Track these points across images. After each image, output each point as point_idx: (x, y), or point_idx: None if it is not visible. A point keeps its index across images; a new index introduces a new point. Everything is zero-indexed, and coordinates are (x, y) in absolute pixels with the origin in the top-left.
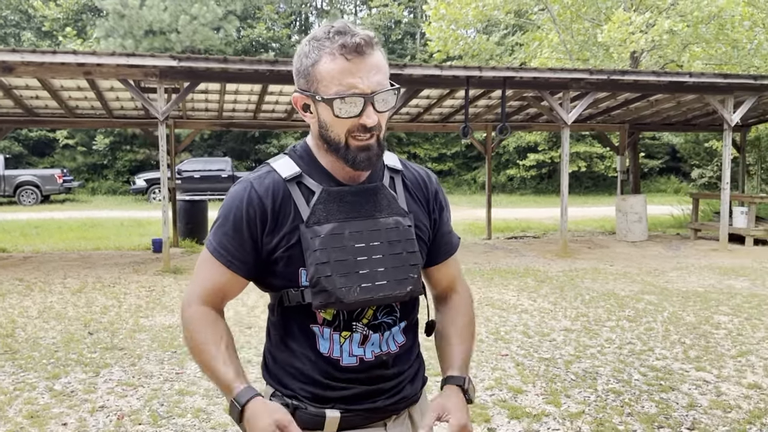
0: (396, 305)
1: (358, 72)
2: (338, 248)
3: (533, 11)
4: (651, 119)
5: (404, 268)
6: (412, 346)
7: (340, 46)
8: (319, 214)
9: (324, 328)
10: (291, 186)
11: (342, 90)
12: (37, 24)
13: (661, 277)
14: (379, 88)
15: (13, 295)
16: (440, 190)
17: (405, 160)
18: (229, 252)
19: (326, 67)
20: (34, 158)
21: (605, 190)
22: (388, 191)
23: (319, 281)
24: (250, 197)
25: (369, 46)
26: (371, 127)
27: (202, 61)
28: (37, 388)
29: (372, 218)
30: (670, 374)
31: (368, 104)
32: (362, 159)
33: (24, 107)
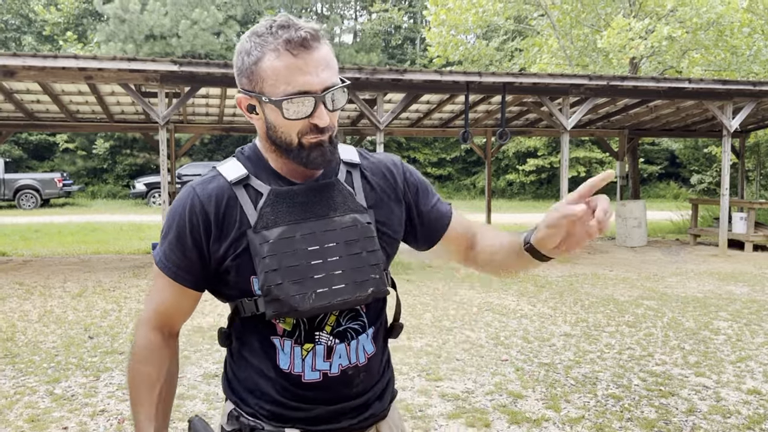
0: (361, 309)
1: (306, 68)
2: (289, 253)
3: (533, 17)
4: (650, 125)
5: (364, 269)
6: (382, 357)
7: (284, 41)
8: (267, 218)
9: (285, 340)
10: (237, 189)
11: (290, 90)
12: (38, 28)
13: (660, 283)
14: (329, 84)
15: (13, 299)
16: (409, 171)
17: (365, 151)
18: (174, 263)
19: (271, 64)
20: (34, 162)
21: None
22: (344, 187)
23: (271, 290)
24: (192, 204)
25: (315, 39)
26: (323, 127)
27: (203, 65)
28: (38, 392)
29: (326, 218)
30: (669, 379)
31: (319, 104)
32: (316, 157)
33: (25, 111)
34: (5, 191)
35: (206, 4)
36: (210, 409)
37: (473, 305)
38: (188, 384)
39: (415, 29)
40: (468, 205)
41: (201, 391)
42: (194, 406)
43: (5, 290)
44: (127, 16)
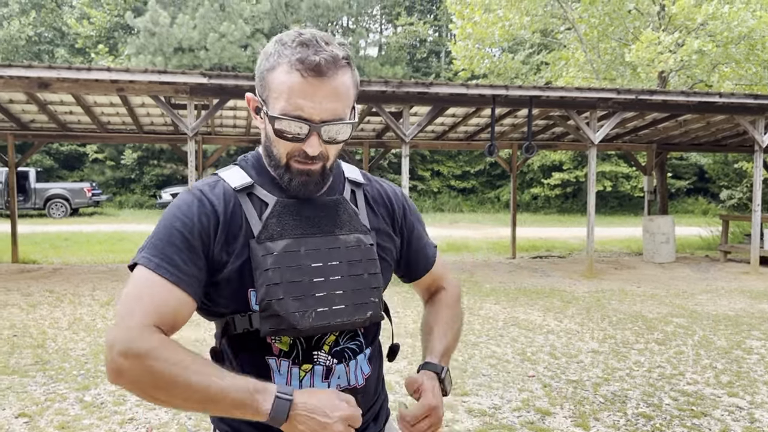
0: (360, 329)
1: (311, 95)
2: (293, 268)
3: (559, 30)
4: (679, 139)
5: (365, 291)
6: (378, 378)
7: (298, 60)
8: (272, 229)
9: (281, 361)
10: (242, 197)
11: (288, 109)
12: (71, 41)
13: (690, 300)
14: (330, 117)
15: (43, 306)
16: (408, 204)
17: (369, 174)
18: (178, 267)
19: (279, 77)
20: (65, 172)
21: (631, 210)
22: (350, 206)
23: (270, 305)
24: (202, 204)
25: (332, 66)
26: (313, 156)
27: (232, 78)
28: (68, 399)
29: (332, 235)
30: (701, 399)
31: (313, 133)
32: (298, 183)
33: (58, 122)
34: (36, 200)
35: (234, 18)
36: None
37: (498, 320)
38: None
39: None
40: (492, 219)
41: None
42: None
43: (36, 297)
44: (157, 29)
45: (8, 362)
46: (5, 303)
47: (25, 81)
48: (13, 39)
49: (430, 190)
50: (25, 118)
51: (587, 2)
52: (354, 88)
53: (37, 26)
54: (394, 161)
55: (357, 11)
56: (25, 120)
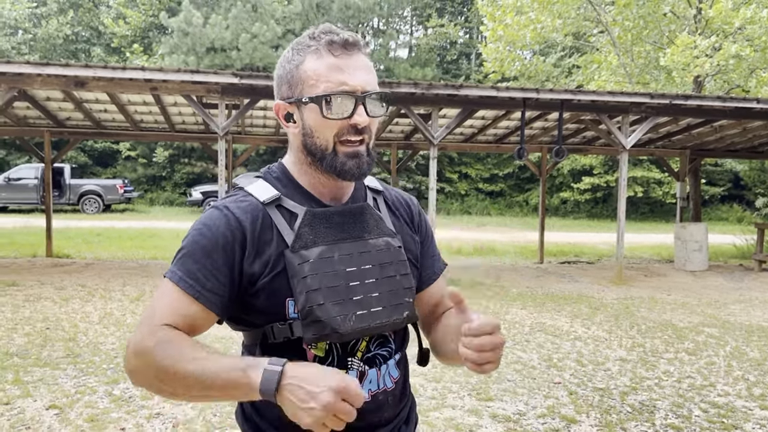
0: (390, 335)
1: (347, 68)
2: (329, 273)
3: (592, 33)
4: (714, 145)
5: (399, 292)
6: (405, 381)
7: (326, 42)
8: (305, 238)
9: None
10: (270, 210)
11: (331, 87)
12: (107, 40)
13: (722, 310)
14: (369, 88)
15: (76, 300)
16: (423, 214)
17: (382, 182)
18: (199, 281)
19: (312, 65)
20: (98, 168)
21: (662, 217)
22: (374, 211)
23: (312, 311)
24: (227, 220)
25: (356, 44)
26: (362, 128)
27: (263, 78)
28: (97, 392)
29: (361, 240)
30: (732, 412)
31: (359, 104)
32: (351, 167)
33: (93, 120)
34: (70, 196)
35: (266, 19)
36: None
37: (525, 325)
38: None
39: (471, 44)
40: (520, 222)
41: None
42: None
43: (69, 291)
44: (191, 29)
45: (41, 354)
46: (39, 296)
47: (62, 79)
48: (51, 38)
49: (458, 192)
50: (62, 115)
51: (621, 5)
52: None
53: (74, 25)
54: (422, 163)
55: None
56: (61, 117)
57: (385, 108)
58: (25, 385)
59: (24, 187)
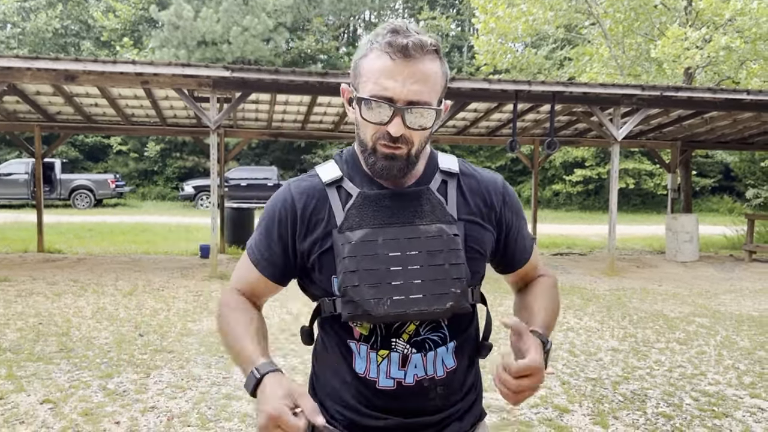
0: (442, 321)
1: (397, 75)
2: (369, 256)
3: (584, 25)
4: (705, 137)
5: (445, 281)
6: (467, 374)
7: (387, 43)
8: (352, 219)
9: (361, 345)
10: (330, 190)
11: (376, 90)
12: (96, 34)
13: (713, 300)
14: (414, 99)
15: (68, 295)
16: (510, 194)
17: (470, 164)
18: (259, 252)
19: (369, 63)
20: (89, 163)
21: (654, 208)
22: (435, 196)
23: (347, 291)
24: (284, 200)
25: (419, 50)
26: (398, 137)
27: (254, 72)
28: (91, 386)
29: (411, 225)
30: (723, 400)
31: (397, 115)
32: (383, 167)
33: (83, 114)
34: (61, 191)
35: (257, 11)
36: None
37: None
38: (235, 385)
39: (463, 37)
40: None
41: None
42: (240, 406)
43: (61, 287)
44: (181, 22)
45: (34, 349)
46: (31, 291)
47: (52, 73)
48: (40, 31)
49: None
50: (52, 109)
51: None
52: (442, 78)
53: (63, 19)
54: None
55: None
56: (51, 112)
57: (434, 117)
58: (18, 380)
59: (14, 182)
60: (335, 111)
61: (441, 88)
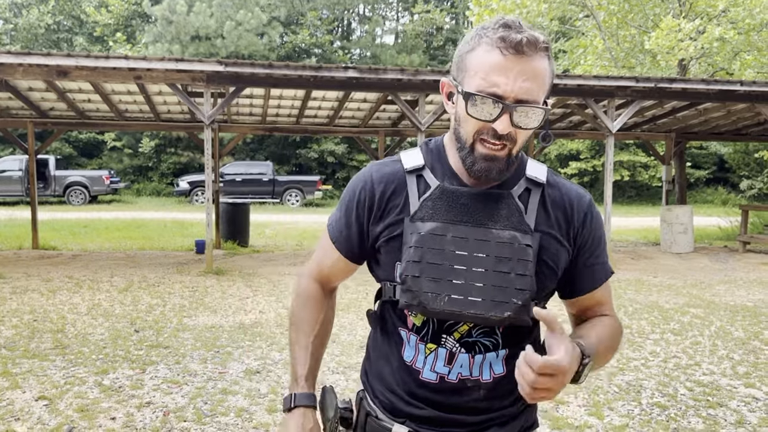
0: (498, 328)
1: (508, 71)
2: (435, 250)
3: (578, 18)
4: (699, 128)
5: (507, 290)
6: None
7: (499, 38)
8: (425, 210)
9: (411, 335)
10: (410, 178)
11: (484, 86)
12: (89, 29)
13: (707, 290)
14: (524, 97)
15: (63, 291)
16: (594, 216)
17: (559, 176)
18: (339, 230)
19: (478, 57)
20: (83, 159)
21: (649, 200)
22: (515, 202)
23: (407, 280)
24: (364, 182)
25: (533, 47)
26: (503, 135)
27: (248, 66)
28: (87, 382)
29: (483, 227)
30: (717, 390)
31: (506, 112)
32: (481, 168)
33: (76, 110)
34: (56, 187)
35: (250, 6)
36: (252, 405)
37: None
38: (230, 380)
39: (457, 30)
40: None
41: (243, 387)
42: (236, 401)
43: (56, 283)
44: (174, 17)
45: (29, 346)
46: (26, 288)
47: (44, 69)
48: (32, 27)
49: None
50: (45, 106)
51: None
52: (550, 78)
53: (56, 14)
54: None
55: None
56: (44, 108)
57: (542, 116)
58: (13, 377)
59: (8, 179)
60: (330, 105)
61: (549, 87)
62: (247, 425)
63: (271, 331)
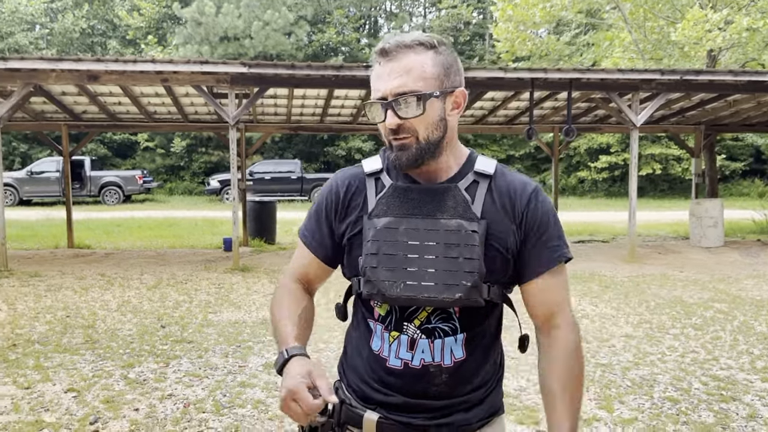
0: (454, 312)
1: (383, 76)
2: (390, 242)
3: (605, 10)
4: (729, 120)
5: (458, 273)
6: (478, 369)
7: (375, 52)
8: (380, 207)
9: (377, 325)
10: (369, 180)
11: (373, 96)
12: (122, 33)
13: (734, 285)
14: (400, 90)
15: (95, 289)
16: (537, 201)
17: (509, 169)
18: (310, 234)
19: (371, 75)
20: (118, 160)
21: (682, 194)
22: (460, 194)
23: (366, 271)
24: (330, 186)
25: (399, 48)
26: (398, 128)
27: (271, 67)
28: (114, 375)
29: (432, 218)
30: (733, 384)
31: (387, 109)
32: (397, 157)
33: (107, 113)
34: (91, 188)
35: (277, 6)
36: (268, 397)
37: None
38: (249, 373)
39: (484, 25)
40: None
41: (261, 380)
42: (254, 393)
43: (88, 281)
44: (203, 19)
45: (61, 341)
46: (60, 286)
47: (76, 74)
48: (67, 32)
49: None
50: (78, 109)
51: None
52: (435, 66)
53: (89, 19)
54: None
55: None
56: (77, 111)
57: (421, 103)
58: (45, 370)
59: (46, 180)
60: (352, 104)
61: (434, 75)
62: (262, 416)
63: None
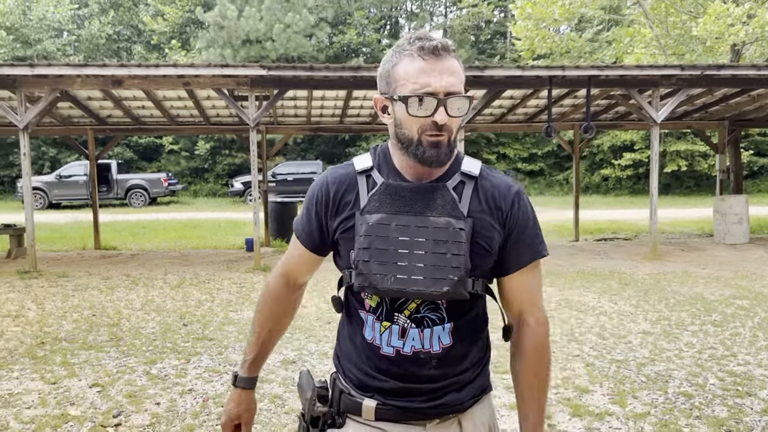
0: (441, 303)
1: (433, 72)
2: (381, 238)
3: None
4: (754, 115)
5: (445, 268)
6: (466, 354)
7: (418, 48)
8: (372, 204)
9: (369, 315)
10: (360, 178)
11: (416, 88)
12: (147, 38)
13: (757, 282)
14: (452, 89)
15: (120, 288)
16: (520, 202)
17: (492, 169)
18: (302, 227)
19: (404, 68)
20: (143, 163)
21: (708, 190)
22: (449, 193)
23: (358, 264)
24: (321, 184)
25: (445, 50)
26: (441, 125)
27: (290, 69)
28: (137, 371)
29: (422, 215)
30: (749, 380)
31: (441, 105)
32: (431, 155)
33: (132, 116)
34: (118, 190)
35: (298, 8)
36: (285, 392)
37: (551, 302)
38: (267, 369)
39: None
40: (560, 201)
41: (279, 375)
42: (271, 389)
43: (114, 281)
44: (225, 22)
45: (87, 339)
46: (87, 286)
47: (100, 79)
48: (94, 38)
49: None
50: (103, 113)
51: None
52: (463, 73)
53: (115, 25)
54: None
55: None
56: (102, 115)
57: (469, 104)
58: (71, 367)
59: (74, 184)
60: (371, 104)
61: (464, 81)
62: (279, 410)
63: (311, 324)
